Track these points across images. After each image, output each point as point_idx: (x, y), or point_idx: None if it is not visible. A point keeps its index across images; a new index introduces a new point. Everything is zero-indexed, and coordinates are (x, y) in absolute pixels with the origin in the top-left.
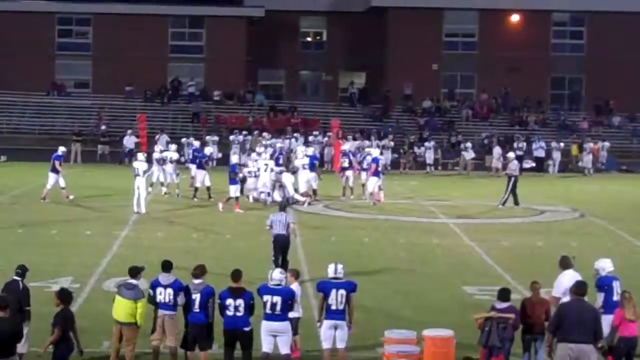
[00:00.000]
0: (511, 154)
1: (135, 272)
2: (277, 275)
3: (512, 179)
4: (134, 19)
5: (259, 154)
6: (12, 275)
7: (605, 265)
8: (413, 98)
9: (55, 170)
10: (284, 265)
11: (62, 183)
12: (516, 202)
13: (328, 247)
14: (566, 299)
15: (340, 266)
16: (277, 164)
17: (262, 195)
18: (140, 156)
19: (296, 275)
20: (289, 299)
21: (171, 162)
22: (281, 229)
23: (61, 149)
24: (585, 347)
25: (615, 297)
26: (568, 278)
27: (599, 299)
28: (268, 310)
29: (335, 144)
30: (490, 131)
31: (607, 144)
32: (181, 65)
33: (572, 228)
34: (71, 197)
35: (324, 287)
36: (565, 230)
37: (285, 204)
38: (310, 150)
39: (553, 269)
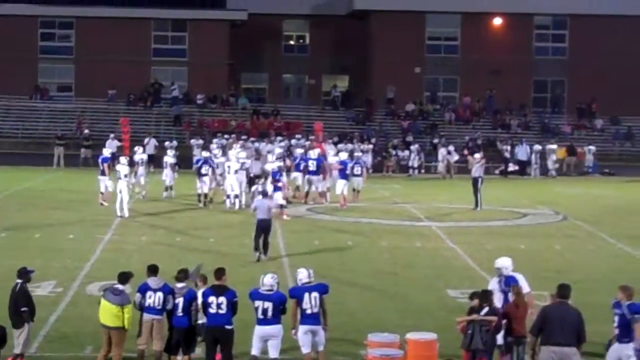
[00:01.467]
0: (477, 155)
1: (124, 278)
2: (268, 280)
3: (479, 180)
4: (117, 22)
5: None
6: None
7: (508, 264)
8: (396, 101)
9: (104, 173)
10: (264, 248)
11: (109, 186)
12: (477, 204)
13: (311, 251)
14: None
15: (311, 271)
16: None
17: (228, 201)
18: (123, 159)
19: (204, 280)
20: (280, 304)
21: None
22: (264, 213)
23: (107, 151)
24: (568, 349)
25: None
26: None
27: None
28: (260, 315)
29: (317, 147)
30: (473, 134)
31: (593, 147)
32: (164, 69)
33: (554, 231)
34: (105, 203)
35: (297, 292)
36: (548, 233)
37: (266, 191)
38: (316, 153)
39: (536, 272)
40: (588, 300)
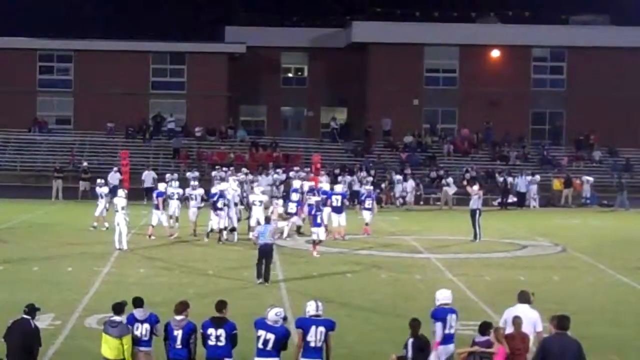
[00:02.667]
0: (475, 187)
1: (120, 308)
2: (272, 317)
3: (477, 211)
4: (115, 55)
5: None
6: (21, 314)
7: (440, 296)
8: (394, 133)
9: (158, 207)
10: (266, 274)
11: (164, 221)
12: (476, 236)
13: (310, 283)
14: (509, 329)
15: (320, 304)
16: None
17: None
18: (121, 192)
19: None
20: (283, 338)
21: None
22: (267, 238)
23: (162, 186)
24: None
25: (447, 330)
26: (519, 312)
27: (437, 330)
28: (260, 346)
29: (312, 179)
30: (471, 166)
31: (590, 179)
32: (163, 102)
33: (554, 262)
34: (175, 234)
35: (303, 324)
36: (547, 265)
37: (269, 217)
38: (340, 187)
39: (535, 304)
40: (587, 332)
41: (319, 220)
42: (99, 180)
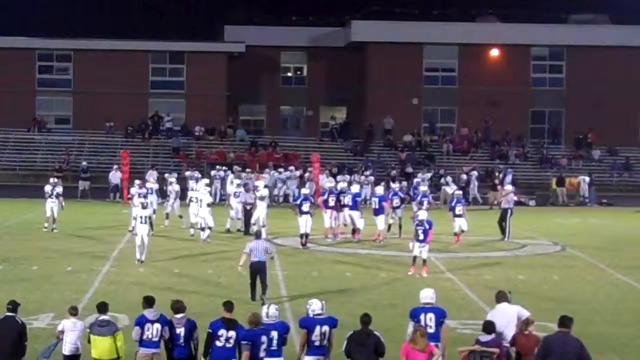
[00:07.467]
0: (508, 187)
1: (103, 308)
2: (273, 312)
3: (509, 211)
4: (115, 54)
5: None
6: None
7: (420, 295)
8: (394, 132)
9: (356, 207)
10: (263, 289)
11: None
12: (504, 234)
13: (310, 282)
14: (509, 330)
15: (324, 302)
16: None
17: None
18: (137, 200)
19: (73, 311)
20: (285, 333)
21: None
22: (259, 255)
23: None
24: None
25: (428, 330)
26: (500, 313)
27: (408, 329)
28: (265, 347)
29: (315, 180)
30: (471, 165)
31: (587, 178)
32: (162, 101)
33: (553, 261)
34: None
35: (309, 324)
36: (547, 264)
37: (260, 232)
38: (357, 188)
39: (535, 303)
40: (587, 331)
41: (420, 236)
42: (52, 180)
